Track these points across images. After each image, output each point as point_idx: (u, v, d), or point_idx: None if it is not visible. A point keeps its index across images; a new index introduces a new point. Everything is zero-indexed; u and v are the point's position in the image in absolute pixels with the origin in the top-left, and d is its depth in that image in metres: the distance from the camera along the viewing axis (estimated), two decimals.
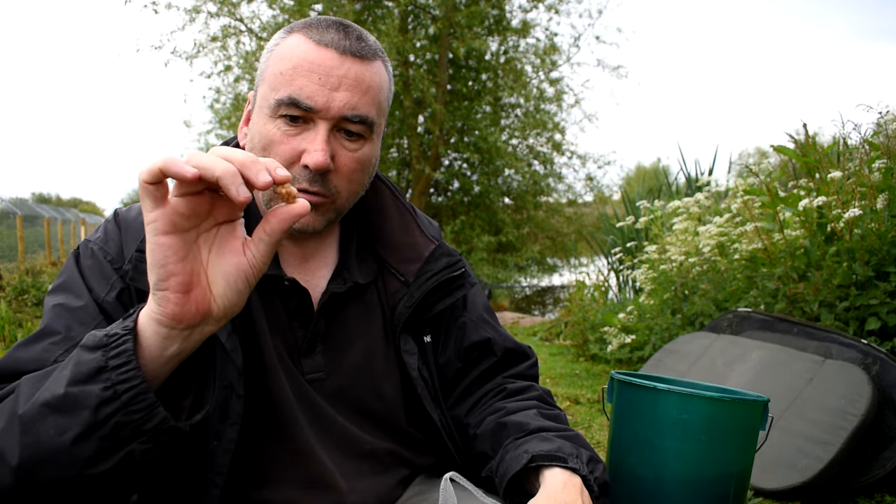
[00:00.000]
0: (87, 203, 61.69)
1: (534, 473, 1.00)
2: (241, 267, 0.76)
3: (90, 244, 1.03)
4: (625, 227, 6.60)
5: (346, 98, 0.97)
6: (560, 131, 14.60)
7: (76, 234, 21.44)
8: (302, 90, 0.96)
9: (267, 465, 1.02)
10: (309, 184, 0.99)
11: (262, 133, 1.00)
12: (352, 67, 0.98)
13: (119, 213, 1.08)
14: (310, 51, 0.98)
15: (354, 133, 1.01)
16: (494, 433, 1.09)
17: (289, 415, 1.03)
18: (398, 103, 13.32)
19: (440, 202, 15.24)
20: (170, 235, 0.72)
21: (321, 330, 1.08)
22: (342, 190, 1.02)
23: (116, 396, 0.75)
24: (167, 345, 0.77)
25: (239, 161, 0.70)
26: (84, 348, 0.78)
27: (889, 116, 3.16)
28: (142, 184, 0.70)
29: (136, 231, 1.02)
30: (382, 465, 1.09)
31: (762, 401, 1.07)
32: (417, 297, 1.10)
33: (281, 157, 0.99)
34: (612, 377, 1.13)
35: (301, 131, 0.99)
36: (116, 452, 0.77)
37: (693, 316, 4.09)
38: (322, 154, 0.97)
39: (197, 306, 0.76)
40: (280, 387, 1.03)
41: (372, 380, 1.10)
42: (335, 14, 12.21)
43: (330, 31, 0.99)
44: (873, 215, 3.00)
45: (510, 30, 14.03)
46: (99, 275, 0.99)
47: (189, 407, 0.84)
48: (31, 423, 0.77)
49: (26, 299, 8.59)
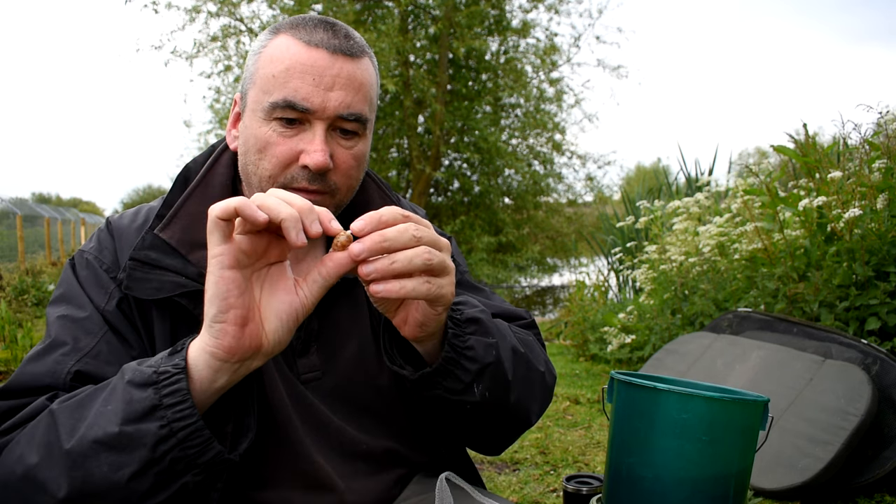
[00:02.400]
0: (87, 203, 61.67)
1: None
2: (294, 305, 0.81)
3: (85, 254, 1.04)
4: (625, 227, 6.60)
5: (340, 97, 0.98)
6: (560, 131, 14.62)
7: (76, 234, 21.45)
8: (297, 92, 0.96)
9: (265, 468, 1.03)
10: (308, 182, 0.99)
11: (256, 136, 1.00)
12: (344, 66, 0.98)
13: (111, 221, 1.08)
14: (301, 52, 0.98)
15: (350, 131, 1.01)
16: None
17: (284, 418, 1.03)
18: (398, 103, 13.34)
19: (440, 202, 15.25)
20: (233, 270, 0.77)
21: (314, 329, 1.08)
22: (341, 186, 1.03)
23: (173, 434, 0.78)
24: (217, 378, 0.81)
25: (298, 207, 0.75)
26: (133, 385, 0.80)
27: (889, 116, 3.16)
28: (215, 220, 0.75)
29: (129, 239, 1.03)
30: (380, 465, 1.09)
31: (762, 401, 1.07)
32: None
33: (278, 159, 0.99)
34: (612, 377, 1.13)
35: (297, 132, 0.99)
36: (171, 485, 0.80)
37: (693, 316, 4.10)
38: (322, 154, 0.97)
39: (251, 341, 0.80)
40: (275, 390, 1.03)
41: (367, 375, 1.10)
42: (335, 14, 12.22)
43: (318, 31, 0.99)
44: (873, 215, 3.00)
45: (510, 30, 14.05)
46: (96, 285, 1.00)
47: (231, 433, 0.87)
48: (81, 458, 0.80)
49: (26, 299, 8.59)
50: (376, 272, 0.80)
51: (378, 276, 0.80)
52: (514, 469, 2.99)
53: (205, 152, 1.14)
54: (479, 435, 1.10)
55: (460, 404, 0.98)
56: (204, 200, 1.05)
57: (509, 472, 2.94)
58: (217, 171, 1.09)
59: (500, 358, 0.99)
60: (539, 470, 2.95)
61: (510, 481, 2.80)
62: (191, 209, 1.04)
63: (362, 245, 0.79)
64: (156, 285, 0.97)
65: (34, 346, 5.01)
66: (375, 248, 0.79)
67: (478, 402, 0.98)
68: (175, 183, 1.08)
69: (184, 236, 1.01)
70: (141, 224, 1.06)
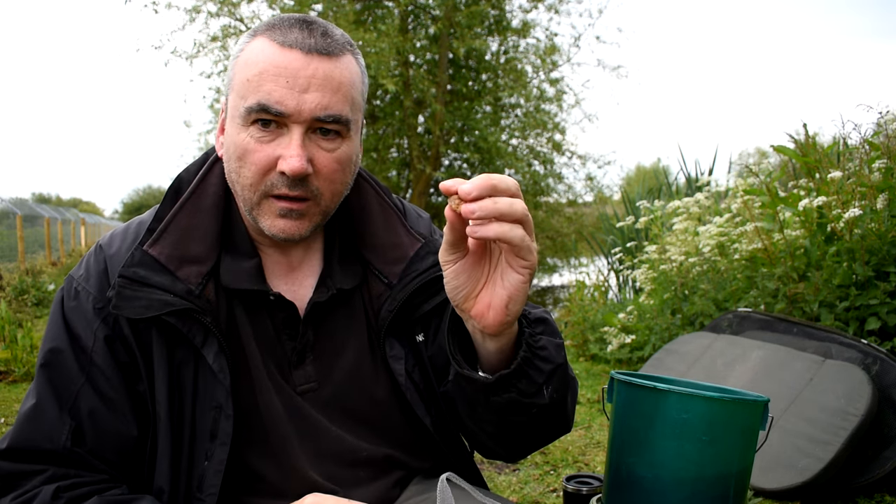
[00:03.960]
0: (87, 203, 61.68)
1: None
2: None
3: (74, 283, 1.03)
4: (625, 227, 6.60)
5: (316, 99, 0.94)
6: (560, 131, 14.60)
7: (76, 235, 21.45)
8: (270, 95, 0.93)
9: (260, 482, 1.02)
10: (289, 189, 0.96)
11: (236, 143, 0.97)
12: (319, 66, 0.95)
13: (102, 246, 1.05)
14: (274, 54, 0.94)
15: (331, 131, 0.98)
16: None
17: (280, 430, 1.02)
18: (398, 103, 13.33)
19: (440, 202, 15.23)
20: None
21: (310, 340, 1.06)
22: (325, 191, 0.99)
23: None
24: None
25: None
26: None
27: (889, 116, 3.16)
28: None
29: (122, 262, 1.00)
30: (379, 471, 1.08)
31: (762, 401, 1.07)
32: (400, 300, 1.07)
33: (257, 166, 0.96)
34: (612, 377, 1.13)
35: (275, 137, 0.96)
36: None
37: (693, 316, 4.10)
38: (298, 160, 0.94)
39: None
40: (269, 403, 1.02)
41: (363, 385, 1.08)
42: (335, 14, 12.21)
43: (293, 31, 0.96)
44: (873, 215, 3.00)
45: (510, 30, 14.04)
46: (83, 320, 1.00)
47: None
48: None
49: (26, 299, 8.59)
50: (480, 210, 0.80)
51: (482, 215, 0.80)
52: (514, 469, 2.99)
53: (197, 161, 1.10)
54: (525, 439, 1.06)
55: (530, 407, 0.96)
56: (195, 213, 1.03)
57: (509, 472, 2.94)
58: (209, 181, 1.06)
59: (566, 359, 0.99)
60: (539, 470, 2.95)
61: (510, 481, 2.80)
62: (182, 223, 1.02)
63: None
64: (144, 304, 0.96)
65: (34, 346, 4.95)
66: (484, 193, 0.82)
67: (546, 404, 0.97)
68: (166, 195, 1.06)
69: (173, 252, 0.99)
70: (131, 241, 1.03)
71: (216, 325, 0.99)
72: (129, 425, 0.99)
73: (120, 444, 0.99)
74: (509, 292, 0.88)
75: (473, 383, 0.96)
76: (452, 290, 0.90)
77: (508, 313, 0.89)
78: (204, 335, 0.98)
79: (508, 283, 0.87)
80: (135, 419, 1.00)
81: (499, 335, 0.92)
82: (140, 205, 49.78)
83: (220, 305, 1.02)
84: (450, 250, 0.88)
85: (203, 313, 0.97)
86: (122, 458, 0.99)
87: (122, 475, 1.00)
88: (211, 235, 1.03)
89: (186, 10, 12.90)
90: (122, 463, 1.00)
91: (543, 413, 0.98)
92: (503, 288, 0.88)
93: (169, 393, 0.98)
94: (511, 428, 1.01)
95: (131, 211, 50.82)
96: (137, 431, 1.00)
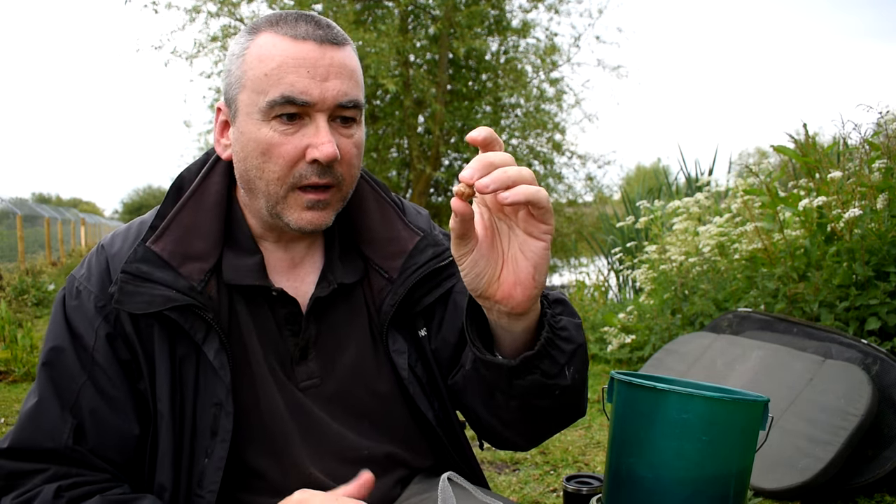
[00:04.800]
0: (87, 203, 61.67)
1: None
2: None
3: (75, 282, 1.04)
4: (625, 227, 6.59)
5: (337, 86, 0.97)
6: (560, 131, 14.59)
7: (76, 235, 21.45)
8: (294, 86, 0.95)
9: (261, 479, 1.02)
10: (318, 177, 0.98)
11: (257, 139, 0.97)
12: (334, 55, 0.97)
13: (104, 246, 1.06)
14: (289, 47, 0.96)
15: (349, 118, 1.00)
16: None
17: (281, 427, 1.02)
18: (398, 103, 13.33)
19: (440, 202, 15.23)
20: None
21: (312, 336, 1.07)
22: (346, 177, 1.01)
23: None
24: None
25: None
26: None
27: (889, 116, 3.16)
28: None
29: (124, 260, 1.01)
30: (380, 468, 1.07)
31: (762, 401, 1.07)
32: (401, 294, 1.07)
33: (284, 159, 0.97)
34: (611, 377, 1.13)
35: (299, 128, 0.97)
36: None
37: (693, 316, 4.10)
38: (330, 145, 0.96)
39: None
40: (271, 400, 1.02)
41: (366, 381, 1.08)
42: (335, 14, 12.21)
43: (301, 24, 0.97)
44: (873, 215, 3.00)
45: (510, 30, 14.03)
46: (84, 319, 1.00)
47: None
48: None
49: (26, 299, 8.59)
50: (494, 182, 0.80)
51: (498, 185, 0.80)
52: (514, 469, 2.99)
53: (199, 161, 1.11)
54: (544, 424, 1.07)
55: (553, 388, 0.96)
56: (197, 211, 1.04)
57: (509, 472, 2.94)
58: (212, 180, 1.07)
59: (585, 340, 0.99)
60: (539, 470, 2.95)
61: (510, 481, 2.81)
62: (184, 221, 1.03)
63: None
64: (146, 299, 0.96)
65: (34, 346, 4.95)
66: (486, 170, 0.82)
67: (568, 385, 0.97)
68: (168, 193, 1.07)
69: (176, 248, 1.00)
70: (133, 240, 1.04)
71: (218, 322, 0.99)
72: (131, 424, 0.99)
73: (121, 442, 0.99)
74: (534, 262, 0.87)
75: (496, 368, 0.96)
76: (475, 278, 0.89)
77: (536, 284, 0.89)
78: (205, 331, 0.98)
79: (531, 252, 0.87)
80: (136, 417, 1.00)
81: (527, 313, 0.92)
82: (140, 205, 49.75)
83: (221, 302, 1.03)
84: (461, 243, 0.88)
85: (205, 309, 0.98)
86: (123, 457, 1.00)
87: (124, 474, 1.00)
88: (213, 233, 1.04)
89: (186, 10, 12.91)
90: (124, 461, 1.00)
91: (564, 394, 0.98)
92: (526, 259, 0.88)
93: (171, 389, 0.98)
94: (531, 412, 1.01)
95: (131, 211, 50.82)
96: (139, 430, 1.00)
